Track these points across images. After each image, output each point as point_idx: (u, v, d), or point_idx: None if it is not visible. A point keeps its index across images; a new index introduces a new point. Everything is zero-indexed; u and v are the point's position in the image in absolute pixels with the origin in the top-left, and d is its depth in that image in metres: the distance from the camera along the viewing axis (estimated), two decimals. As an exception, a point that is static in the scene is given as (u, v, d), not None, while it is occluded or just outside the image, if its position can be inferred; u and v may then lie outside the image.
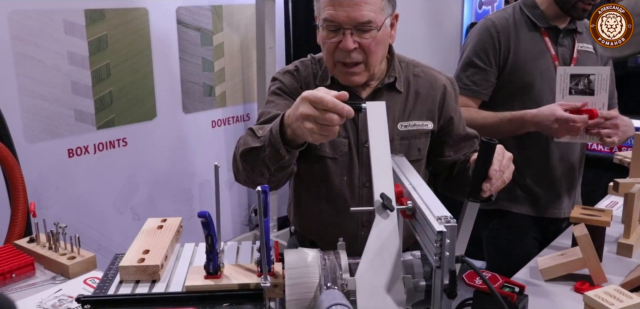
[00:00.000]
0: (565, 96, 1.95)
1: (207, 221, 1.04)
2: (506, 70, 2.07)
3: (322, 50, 1.58)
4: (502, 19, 2.10)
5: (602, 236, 1.69)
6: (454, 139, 1.70)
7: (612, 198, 2.18)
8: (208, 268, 1.09)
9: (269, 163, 1.38)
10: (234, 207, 3.89)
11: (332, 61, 1.55)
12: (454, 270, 0.97)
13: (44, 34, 2.72)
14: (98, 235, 3.10)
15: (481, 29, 2.11)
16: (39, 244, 1.60)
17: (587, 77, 1.94)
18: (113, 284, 1.13)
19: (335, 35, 1.50)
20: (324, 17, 1.50)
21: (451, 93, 1.69)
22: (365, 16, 1.47)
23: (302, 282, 1.04)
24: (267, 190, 1.02)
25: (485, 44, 2.07)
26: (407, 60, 1.69)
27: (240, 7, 3.63)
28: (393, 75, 1.63)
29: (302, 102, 1.23)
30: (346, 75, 1.55)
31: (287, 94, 1.63)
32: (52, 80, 2.78)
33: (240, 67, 3.73)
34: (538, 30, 2.08)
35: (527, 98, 2.05)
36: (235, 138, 3.75)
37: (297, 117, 1.25)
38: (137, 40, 3.10)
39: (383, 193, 1.11)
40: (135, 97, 3.15)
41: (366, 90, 1.63)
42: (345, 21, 1.47)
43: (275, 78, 1.68)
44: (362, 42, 1.49)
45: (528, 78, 2.05)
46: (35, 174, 2.76)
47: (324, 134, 1.23)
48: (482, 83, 2.08)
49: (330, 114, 1.20)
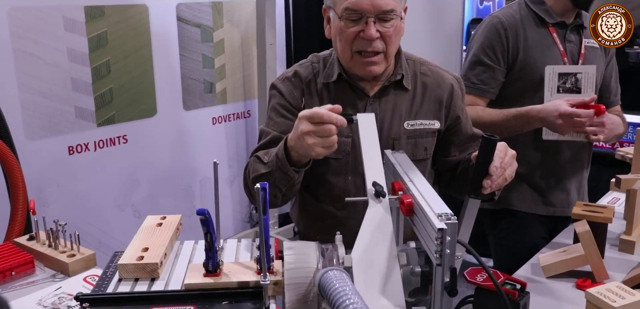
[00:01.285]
0: (554, 94, 1.96)
1: (205, 218, 1.03)
2: (516, 68, 2.04)
3: (337, 41, 1.57)
4: (508, 15, 2.06)
5: (604, 233, 1.68)
6: (460, 139, 1.69)
7: (614, 194, 2.17)
8: (207, 265, 1.09)
9: (280, 185, 1.49)
10: (235, 204, 3.89)
11: (349, 51, 1.55)
12: (455, 268, 0.97)
13: (43, 30, 2.72)
14: (99, 232, 3.10)
15: (488, 26, 2.08)
16: (39, 242, 1.59)
17: (574, 76, 1.94)
18: (112, 282, 1.12)
19: (355, 25, 1.51)
20: (345, 7, 1.50)
21: (458, 92, 1.68)
22: (389, 4, 1.49)
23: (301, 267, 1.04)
24: (266, 187, 1.01)
25: (493, 41, 2.04)
26: (414, 58, 1.69)
27: (241, 3, 3.63)
28: (400, 72, 1.62)
29: (301, 121, 1.35)
30: (365, 65, 1.55)
31: (285, 109, 1.64)
32: (52, 77, 2.78)
33: (240, 63, 3.72)
34: (545, 26, 2.05)
35: (536, 96, 2.02)
36: (236, 135, 3.78)
37: (298, 136, 1.36)
38: (137, 37, 3.10)
39: (375, 182, 1.17)
40: (136, 93, 3.15)
41: (374, 87, 1.62)
42: (369, 9, 1.48)
43: (273, 87, 1.68)
44: (383, 31, 1.51)
45: (538, 75, 2.02)
46: (36, 171, 2.76)
47: (325, 146, 1.35)
48: (490, 81, 2.05)
49: (328, 125, 1.32)
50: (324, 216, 1.66)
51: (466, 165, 1.65)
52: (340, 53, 1.58)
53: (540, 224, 2.14)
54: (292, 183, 1.49)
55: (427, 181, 1.20)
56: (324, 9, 1.61)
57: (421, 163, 1.63)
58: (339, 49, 1.58)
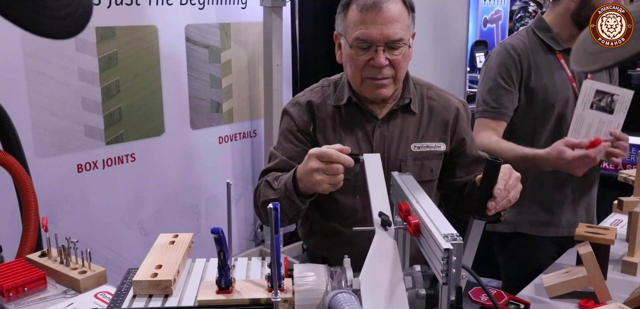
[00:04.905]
0: (586, 109, 1.96)
1: (220, 237, 1.06)
2: (527, 93, 2.06)
3: (348, 67, 1.63)
4: (518, 42, 2.09)
5: (607, 254, 1.70)
6: (466, 161, 1.73)
7: (616, 216, 2.19)
8: (220, 283, 1.12)
9: (287, 211, 1.56)
10: (240, 222, 3.91)
11: (360, 77, 1.61)
12: (461, 287, 1.00)
13: (55, 50, 2.76)
14: (106, 249, 3.12)
15: (501, 53, 2.09)
16: (51, 258, 1.61)
17: (611, 96, 1.95)
18: (127, 298, 1.15)
19: (365, 53, 1.56)
20: (355, 36, 1.55)
21: (463, 116, 1.72)
22: (397, 34, 1.54)
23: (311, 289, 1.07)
24: (278, 208, 1.04)
25: (508, 65, 2.05)
26: (421, 83, 1.73)
27: (248, 24, 3.67)
28: (408, 97, 1.67)
29: (310, 158, 1.43)
30: (375, 88, 1.60)
31: (292, 134, 1.69)
32: (62, 96, 2.82)
33: (247, 83, 3.76)
34: (553, 53, 2.08)
35: (546, 121, 2.05)
36: (242, 154, 3.81)
37: (307, 172, 1.44)
38: (147, 57, 3.14)
39: (381, 212, 1.22)
40: (144, 112, 3.18)
41: (382, 111, 1.66)
42: (378, 39, 1.54)
43: (285, 111, 1.74)
44: (392, 58, 1.56)
45: (550, 102, 2.04)
46: (45, 188, 2.78)
47: (331, 183, 1.43)
48: (508, 104, 2.06)
49: (335, 164, 1.40)
50: (332, 234, 1.69)
51: (472, 187, 1.68)
52: (351, 78, 1.63)
53: (549, 244, 2.15)
54: (298, 210, 1.56)
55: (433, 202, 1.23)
56: (335, 35, 1.66)
57: (427, 184, 1.66)
58: (350, 74, 1.62)
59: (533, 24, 2.14)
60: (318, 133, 1.68)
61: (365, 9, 1.54)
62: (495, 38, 5.18)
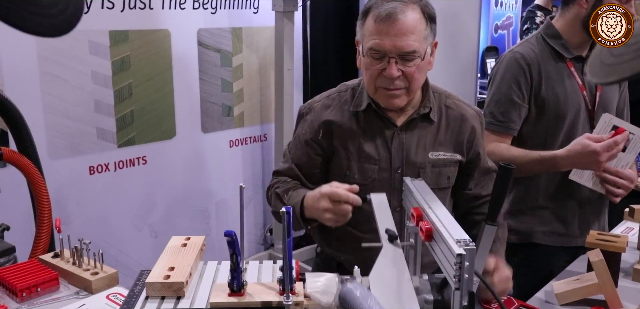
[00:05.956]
0: None
1: (233, 240, 1.07)
2: (538, 103, 2.02)
3: (364, 74, 1.63)
4: (528, 50, 2.04)
5: (618, 262, 1.70)
6: (479, 172, 1.74)
7: (627, 224, 2.18)
8: (232, 285, 1.12)
9: (295, 226, 1.57)
10: (250, 226, 3.92)
11: (374, 86, 1.61)
12: (473, 292, 1.00)
13: (69, 54, 2.79)
14: (116, 251, 3.14)
15: (510, 62, 2.05)
16: (63, 259, 1.62)
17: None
18: (139, 300, 1.16)
19: (378, 63, 1.56)
20: (369, 46, 1.56)
21: (479, 130, 1.73)
22: (410, 46, 1.53)
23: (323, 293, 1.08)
24: (291, 211, 1.05)
25: (518, 77, 2.01)
26: (439, 91, 1.74)
27: (260, 29, 3.69)
28: (428, 105, 1.67)
29: (322, 197, 1.49)
30: (388, 98, 1.61)
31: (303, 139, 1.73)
32: (75, 98, 2.85)
33: (258, 88, 3.78)
34: (563, 60, 2.04)
35: (559, 131, 2.02)
36: (252, 158, 3.82)
37: (317, 209, 1.52)
38: (159, 61, 3.17)
39: (387, 228, 1.23)
40: (156, 116, 3.21)
41: (401, 118, 1.67)
42: (391, 50, 1.53)
43: (300, 114, 1.77)
44: (405, 70, 1.55)
45: (561, 111, 2.01)
46: (57, 190, 2.81)
47: (338, 220, 1.50)
48: (516, 118, 2.03)
49: (345, 205, 1.47)
50: (345, 237, 1.70)
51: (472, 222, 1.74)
52: (367, 86, 1.64)
53: (562, 253, 2.13)
54: (303, 229, 1.66)
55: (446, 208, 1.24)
56: (356, 40, 1.66)
57: (443, 191, 1.67)
58: (366, 82, 1.64)
59: (542, 30, 2.10)
60: (335, 140, 1.69)
61: (379, 20, 1.53)
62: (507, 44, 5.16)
